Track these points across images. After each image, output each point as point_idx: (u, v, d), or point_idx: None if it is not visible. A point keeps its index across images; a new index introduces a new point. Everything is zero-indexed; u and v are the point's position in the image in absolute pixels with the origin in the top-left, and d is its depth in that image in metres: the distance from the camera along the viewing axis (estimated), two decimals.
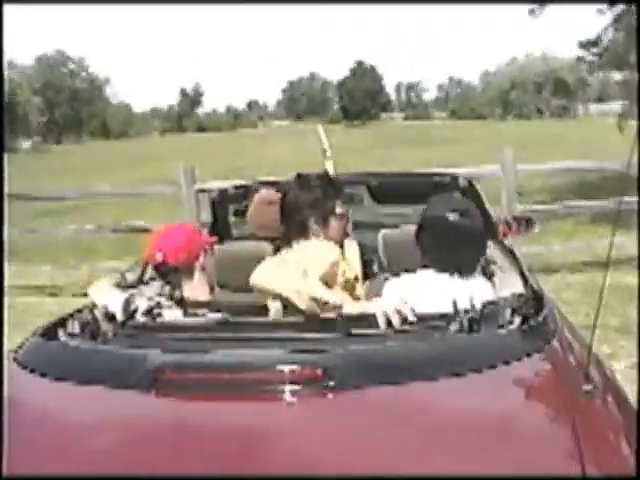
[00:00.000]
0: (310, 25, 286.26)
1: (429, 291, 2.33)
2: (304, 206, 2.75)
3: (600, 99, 54.32)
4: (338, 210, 2.80)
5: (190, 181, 7.21)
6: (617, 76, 14.12)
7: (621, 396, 1.86)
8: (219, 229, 3.60)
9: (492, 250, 2.90)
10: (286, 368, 1.75)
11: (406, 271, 2.57)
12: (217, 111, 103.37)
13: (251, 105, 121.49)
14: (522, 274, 2.53)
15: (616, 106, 16.46)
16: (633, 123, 11.57)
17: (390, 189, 3.65)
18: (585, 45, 12.33)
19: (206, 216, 3.91)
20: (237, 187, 3.78)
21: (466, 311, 1.97)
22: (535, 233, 3.95)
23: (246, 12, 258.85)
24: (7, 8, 2.52)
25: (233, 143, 38.82)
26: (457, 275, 2.41)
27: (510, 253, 3.01)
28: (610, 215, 9.20)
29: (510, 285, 2.41)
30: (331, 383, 1.70)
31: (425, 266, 2.50)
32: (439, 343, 1.90)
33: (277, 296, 2.26)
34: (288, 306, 2.24)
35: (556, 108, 50.49)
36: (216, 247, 2.92)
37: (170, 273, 2.61)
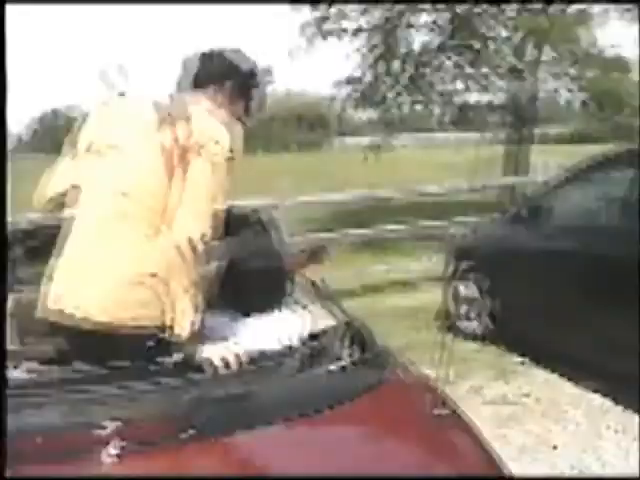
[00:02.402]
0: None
1: (240, 333, 2.26)
2: None
3: (343, 134, 57.16)
4: None
5: None
6: (364, 114, 15.14)
7: (462, 416, 1.94)
8: None
9: (295, 284, 2.95)
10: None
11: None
12: None
13: None
14: (332, 304, 2.60)
15: (361, 140, 17.71)
16: (385, 155, 12.53)
17: None
18: (339, 84, 13.15)
19: None
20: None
21: (293, 348, 1.98)
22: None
23: None
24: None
25: None
26: (264, 314, 2.39)
27: (312, 285, 3.08)
28: (374, 242, 9.83)
29: (324, 316, 2.43)
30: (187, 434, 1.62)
31: (229, 307, 2.44)
32: (286, 384, 1.86)
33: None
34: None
35: (304, 142, 52.51)
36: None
37: None
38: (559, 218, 5.45)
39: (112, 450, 1.58)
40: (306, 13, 12.48)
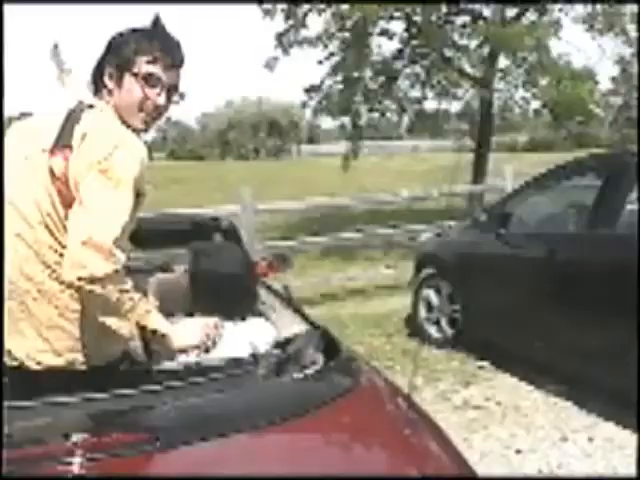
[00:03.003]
0: None
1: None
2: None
3: (310, 140, 57.39)
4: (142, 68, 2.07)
5: None
6: (333, 122, 15.21)
7: (431, 419, 1.94)
8: None
9: (260, 291, 2.93)
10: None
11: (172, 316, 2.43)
12: None
13: None
14: (297, 311, 2.60)
15: (328, 147, 17.86)
16: (354, 163, 12.59)
17: (150, 232, 3.51)
18: (308, 91, 13.17)
19: None
20: None
21: (262, 355, 1.96)
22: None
23: None
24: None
25: None
26: (233, 320, 2.37)
27: (275, 292, 3.08)
28: (335, 250, 9.86)
29: (289, 324, 2.45)
30: (157, 444, 1.59)
31: (191, 314, 2.44)
32: (255, 391, 1.84)
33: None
34: None
35: (272, 148, 52.69)
36: None
37: None
38: (519, 224, 5.50)
39: (77, 460, 1.55)
40: (279, 22, 12.56)
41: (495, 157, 14.01)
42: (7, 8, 2.70)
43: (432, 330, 6.25)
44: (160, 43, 2.08)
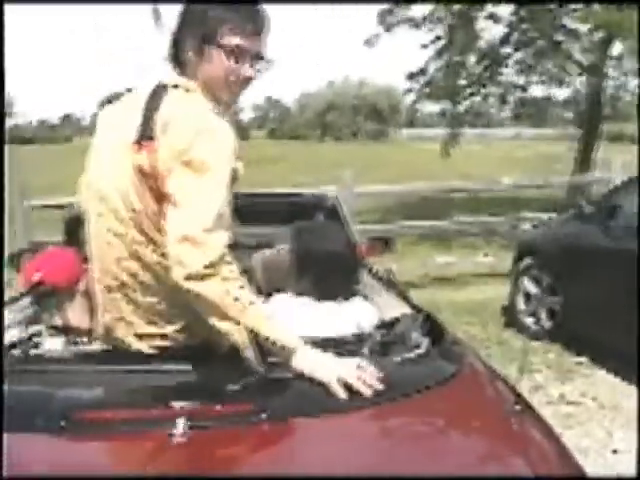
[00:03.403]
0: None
1: (314, 316, 2.27)
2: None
3: (411, 124, 56.94)
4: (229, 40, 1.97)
5: (21, 196, 6.84)
6: (434, 107, 14.98)
7: (536, 411, 1.91)
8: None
9: (365, 272, 2.95)
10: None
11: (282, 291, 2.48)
12: (29, 123, 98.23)
13: (65, 119, 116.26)
14: (400, 295, 2.59)
15: (428, 132, 17.62)
16: (454, 149, 12.42)
17: (256, 209, 3.55)
18: (412, 76, 13.01)
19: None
20: None
21: (370, 334, 1.95)
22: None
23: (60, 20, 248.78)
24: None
25: (48, 157, 36.98)
26: (336, 300, 2.37)
27: (377, 274, 3.08)
28: (432, 236, 9.79)
29: (391, 307, 2.43)
30: (263, 416, 1.62)
31: (301, 293, 2.42)
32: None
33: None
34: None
35: (371, 131, 52.56)
36: None
37: (47, 296, 2.44)
38: (627, 218, 5.33)
39: (180, 428, 1.59)
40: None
41: (601, 147, 13.55)
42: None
43: (529, 321, 6.15)
44: (245, 11, 1.99)
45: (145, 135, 1.89)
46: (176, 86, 1.98)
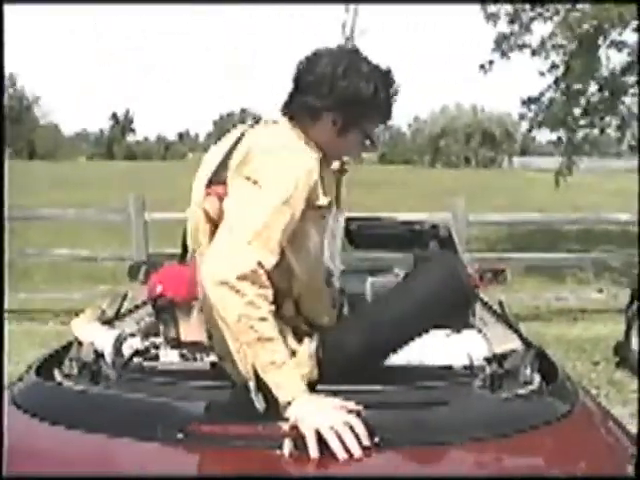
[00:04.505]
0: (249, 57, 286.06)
1: (425, 343, 2.20)
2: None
3: (523, 153, 55.97)
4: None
5: (139, 210, 7.13)
6: (549, 135, 14.59)
7: None
8: None
9: (477, 303, 2.90)
10: None
11: None
12: (147, 139, 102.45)
13: (182, 136, 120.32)
14: (511, 327, 2.54)
15: (540, 161, 17.19)
16: (568, 180, 12.09)
17: (369, 234, 3.58)
18: (527, 102, 12.78)
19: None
20: None
21: (479, 367, 1.94)
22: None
23: (184, 39, 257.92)
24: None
25: (164, 174, 38.36)
26: (449, 330, 2.34)
27: (487, 305, 3.04)
28: (541, 268, 9.54)
29: (502, 340, 2.37)
30: (376, 439, 1.62)
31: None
32: (474, 403, 1.83)
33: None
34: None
35: (483, 158, 51.91)
36: None
37: (166, 309, 2.54)
38: None
39: (286, 449, 1.61)
40: (501, 25, 12.23)
41: None
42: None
43: None
44: (388, 107, 2.10)
45: (217, 179, 1.89)
46: (264, 121, 2.03)
